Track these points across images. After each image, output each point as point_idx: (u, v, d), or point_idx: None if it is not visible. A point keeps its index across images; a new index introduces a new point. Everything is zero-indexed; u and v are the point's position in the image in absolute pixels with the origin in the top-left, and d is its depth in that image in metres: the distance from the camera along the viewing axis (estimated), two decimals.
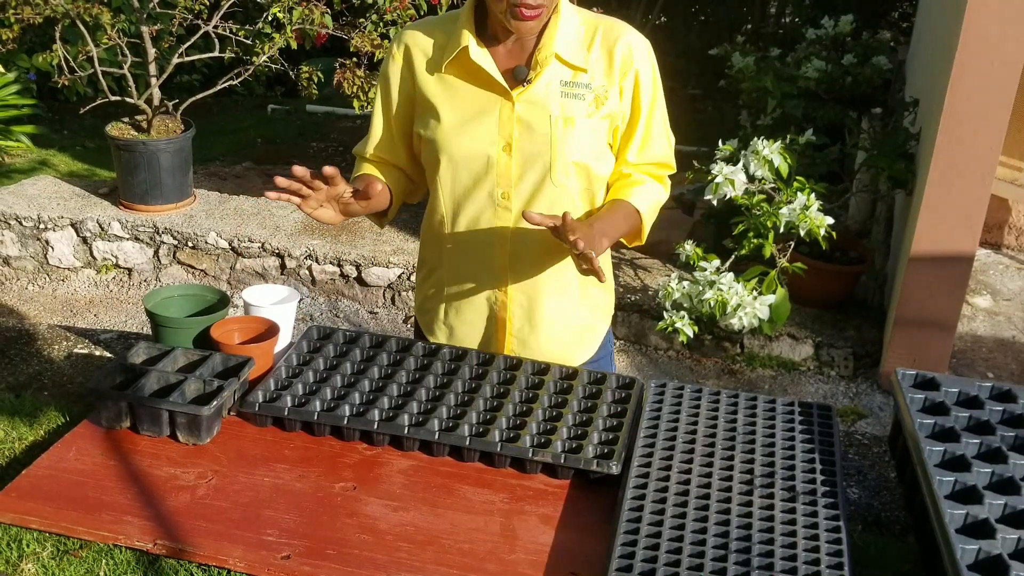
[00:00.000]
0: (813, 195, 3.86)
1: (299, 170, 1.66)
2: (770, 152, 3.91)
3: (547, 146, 1.84)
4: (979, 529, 1.50)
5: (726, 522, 1.56)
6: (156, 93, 4.88)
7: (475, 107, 1.85)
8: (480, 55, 1.83)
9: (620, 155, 1.94)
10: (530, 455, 1.73)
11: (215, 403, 1.78)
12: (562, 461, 1.71)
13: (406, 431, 1.77)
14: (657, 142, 1.94)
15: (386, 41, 4.69)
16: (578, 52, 1.84)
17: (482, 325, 2.02)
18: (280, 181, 1.65)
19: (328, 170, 1.69)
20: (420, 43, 1.90)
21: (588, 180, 1.90)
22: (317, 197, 1.71)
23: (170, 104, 4.97)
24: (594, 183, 1.92)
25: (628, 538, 1.52)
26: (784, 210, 3.81)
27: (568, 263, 1.96)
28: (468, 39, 1.82)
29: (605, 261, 2.02)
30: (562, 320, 2.01)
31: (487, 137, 1.85)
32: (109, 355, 2.31)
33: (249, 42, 4.93)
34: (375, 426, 1.78)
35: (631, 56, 1.85)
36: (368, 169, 1.99)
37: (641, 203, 1.94)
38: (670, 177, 2.03)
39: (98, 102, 4.91)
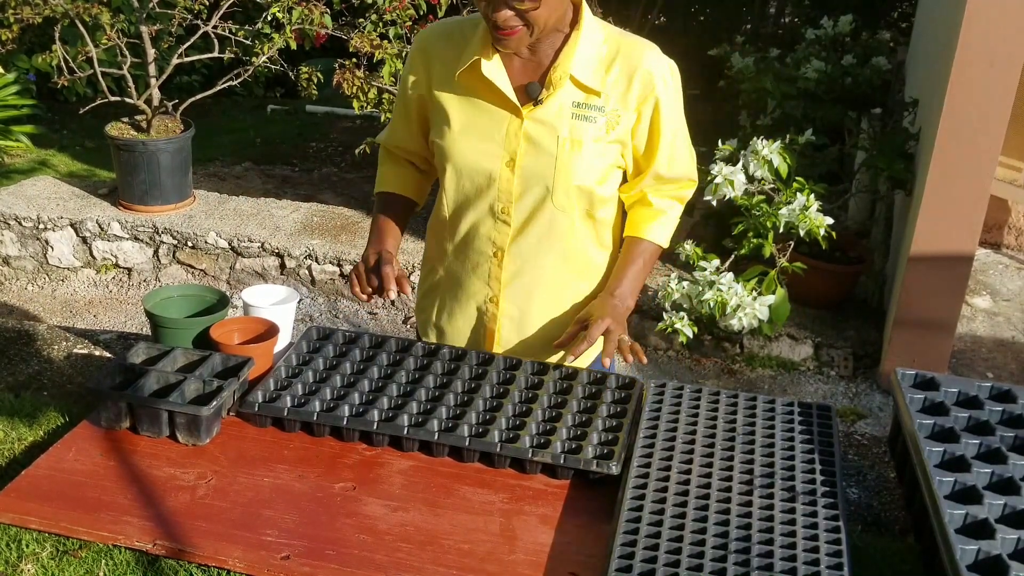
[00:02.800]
0: (812, 195, 3.85)
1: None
2: (769, 152, 3.91)
3: (551, 167, 1.83)
4: (979, 529, 1.50)
5: (726, 522, 1.56)
6: (156, 93, 4.88)
7: (483, 119, 1.84)
8: (493, 69, 1.80)
9: (646, 170, 1.92)
10: (530, 455, 1.73)
11: (214, 403, 1.78)
12: (562, 462, 1.71)
13: (406, 431, 1.77)
14: (681, 158, 1.94)
15: (385, 41, 4.69)
16: (594, 74, 1.81)
17: (470, 333, 2.02)
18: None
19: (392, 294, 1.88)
20: (439, 46, 1.88)
21: (590, 203, 1.89)
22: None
23: (170, 104, 4.97)
24: (596, 206, 1.90)
25: (628, 538, 1.52)
26: (783, 210, 3.81)
27: (564, 281, 1.95)
28: (483, 50, 1.80)
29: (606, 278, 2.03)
30: (553, 334, 1.99)
31: (492, 151, 1.84)
32: (109, 355, 2.31)
33: (248, 42, 4.93)
34: (375, 426, 1.78)
35: (652, 83, 1.82)
36: (390, 177, 2.06)
37: (663, 236, 1.96)
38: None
39: (97, 102, 4.91)
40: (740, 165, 3.94)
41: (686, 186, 1.99)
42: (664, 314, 3.99)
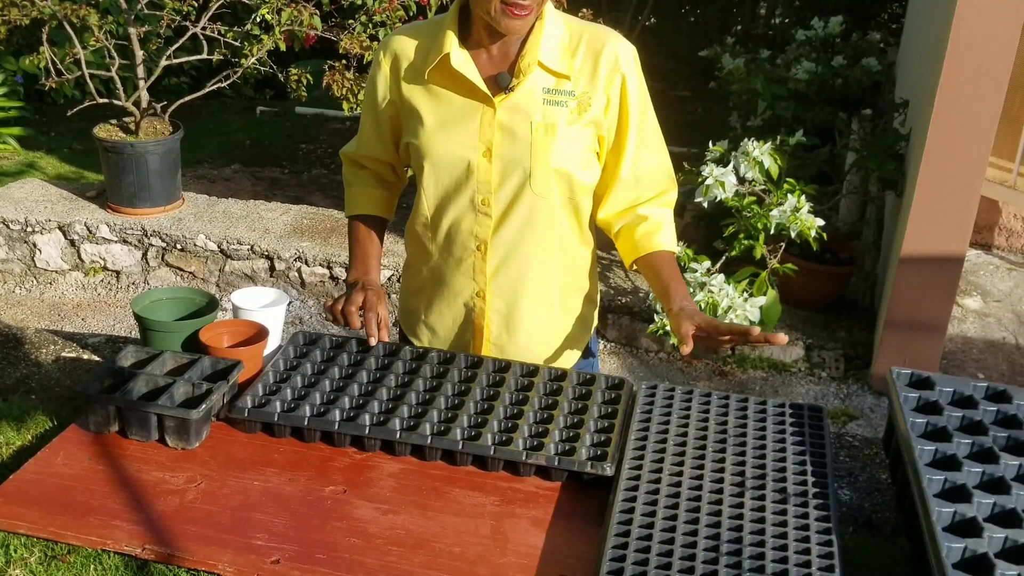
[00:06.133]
0: (803, 197, 3.86)
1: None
2: (760, 154, 3.92)
3: (527, 153, 1.84)
4: (967, 528, 1.50)
5: (717, 524, 1.56)
6: (144, 95, 4.86)
7: (457, 113, 1.86)
8: (462, 62, 1.83)
9: (614, 167, 1.91)
10: (523, 458, 1.72)
11: (203, 407, 1.77)
12: (556, 463, 1.71)
13: (398, 436, 1.77)
14: (651, 151, 1.92)
15: (375, 43, 4.68)
16: (562, 59, 1.84)
17: (461, 330, 2.03)
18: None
19: (373, 341, 1.96)
20: (405, 49, 1.91)
21: (570, 189, 1.89)
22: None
23: (158, 106, 4.95)
24: (577, 192, 1.91)
25: (619, 540, 1.51)
26: (774, 212, 3.82)
27: (548, 273, 1.96)
28: (450, 46, 1.83)
29: (591, 273, 2.04)
30: (541, 329, 2.01)
31: (467, 143, 1.86)
32: (97, 359, 2.29)
33: (238, 44, 4.92)
34: (367, 431, 1.77)
35: (617, 63, 1.85)
36: (363, 199, 2.07)
37: (673, 242, 1.94)
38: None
39: (86, 104, 4.88)
40: (731, 166, 3.95)
41: (668, 190, 1.96)
42: (655, 316, 3.99)
